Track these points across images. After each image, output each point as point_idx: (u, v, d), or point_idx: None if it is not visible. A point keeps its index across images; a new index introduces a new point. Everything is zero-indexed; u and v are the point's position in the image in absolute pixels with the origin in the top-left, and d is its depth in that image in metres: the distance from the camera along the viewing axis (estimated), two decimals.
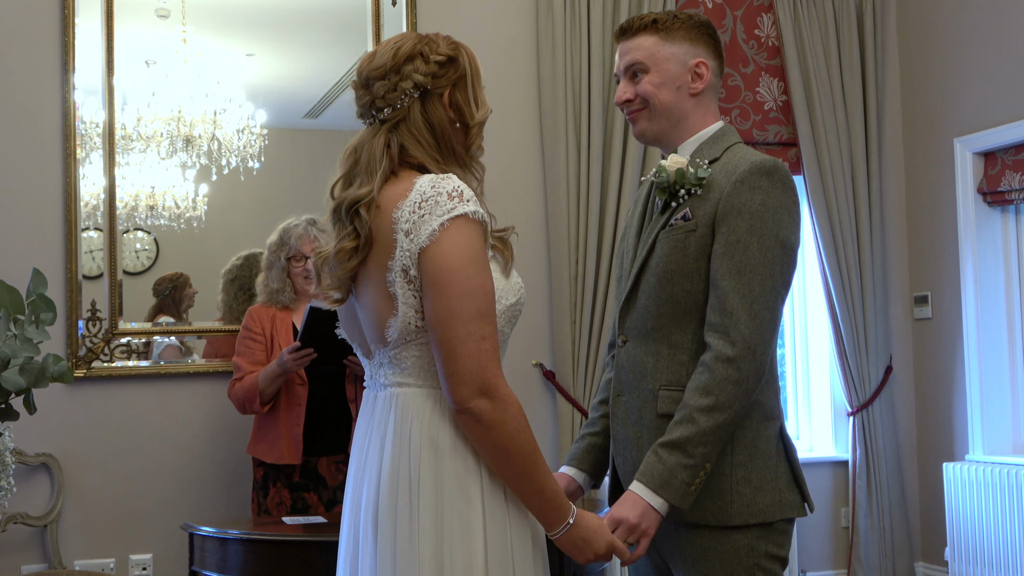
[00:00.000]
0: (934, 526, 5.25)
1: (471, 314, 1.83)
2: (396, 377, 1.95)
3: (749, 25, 5.25)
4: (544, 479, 1.91)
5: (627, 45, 2.33)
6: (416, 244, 1.85)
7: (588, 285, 4.80)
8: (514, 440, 1.86)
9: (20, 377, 1.96)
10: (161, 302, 4.52)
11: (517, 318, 2.04)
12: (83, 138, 4.35)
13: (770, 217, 2.15)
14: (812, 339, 5.49)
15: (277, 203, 4.53)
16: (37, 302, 2.04)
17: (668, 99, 2.29)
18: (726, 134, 2.32)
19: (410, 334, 1.90)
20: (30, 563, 4.22)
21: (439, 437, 1.90)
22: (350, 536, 2.00)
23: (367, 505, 1.94)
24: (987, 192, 5.00)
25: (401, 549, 1.87)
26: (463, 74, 2.00)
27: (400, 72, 1.96)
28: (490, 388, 1.84)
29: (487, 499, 1.90)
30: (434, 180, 1.88)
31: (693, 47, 2.30)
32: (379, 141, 1.96)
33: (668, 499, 2.10)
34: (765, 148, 5.23)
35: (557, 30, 4.83)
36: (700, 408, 2.11)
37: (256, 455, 3.93)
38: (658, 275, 2.24)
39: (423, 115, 1.97)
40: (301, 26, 4.73)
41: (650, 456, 2.13)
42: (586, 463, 2.45)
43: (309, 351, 3.71)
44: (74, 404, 4.28)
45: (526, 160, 4.88)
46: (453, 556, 1.86)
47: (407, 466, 1.90)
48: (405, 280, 1.87)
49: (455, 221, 1.85)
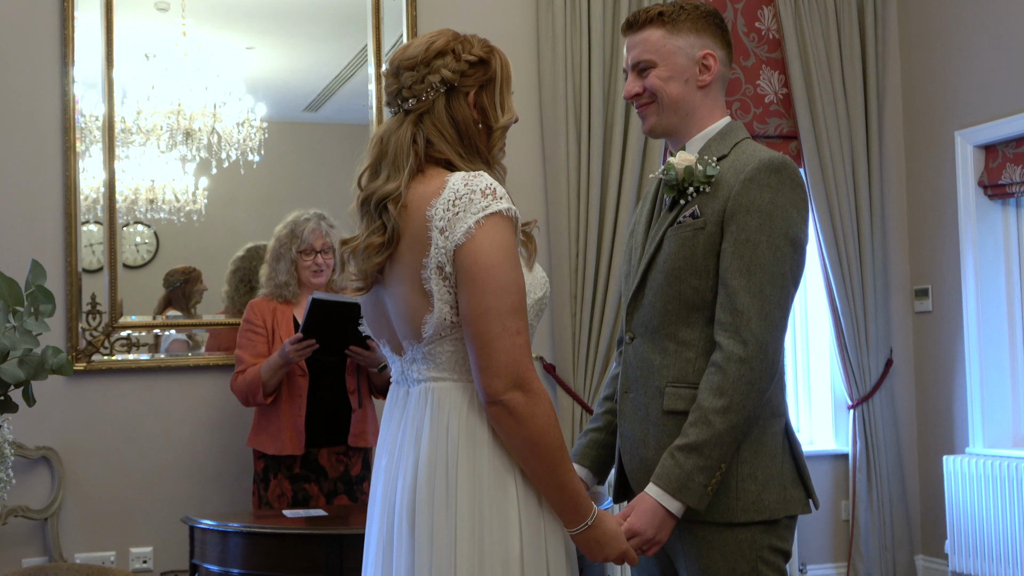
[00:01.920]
0: (934, 519, 5.25)
1: (506, 309, 1.87)
2: (431, 372, 1.97)
3: (750, 18, 5.25)
4: (568, 476, 1.93)
5: (634, 39, 2.33)
6: (452, 241, 1.88)
7: (588, 279, 4.80)
8: (544, 434, 1.89)
9: (19, 369, 1.96)
10: (171, 294, 4.52)
11: (543, 311, 2.07)
12: (83, 131, 4.35)
13: (780, 215, 2.15)
14: (812, 332, 5.49)
15: (277, 196, 4.53)
16: (36, 294, 2.03)
17: (676, 92, 2.29)
18: (734, 130, 2.31)
19: (445, 330, 1.93)
20: (30, 556, 4.22)
21: (477, 430, 1.93)
22: (382, 529, 2.01)
23: (402, 497, 1.96)
24: (988, 185, 5.00)
25: (438, 540, 1.90)
26: (492, 77, 2.05)
27: (430, 66, 1.99)
28: (524, 382, 1.88)
29: (522, 491, 1.93)
30: (467, 178, 1.92)
31: (700, 38, 2.29)
32: (406, 132, 1.99)
33: (686, 502, 2.11)
34: (766, 141, 5.22)
35: (557, 23, 4.83)
36: (715, 410, 2.11)
37: (257, 447, 3.94)
38: (666, 272, 2.23)
39: (447, 110, 2.00)
40: (301, 19, 4.72)
41: (667, 459, 2.13)
42: (588, 459, 2.45)
43: (311, 342, 3.72)
44: (74, 398, 4.29)
45: (526, 153, 4.88)
46: (492, 547, 1.89)
47: (444, 458, 1.92)
48: (440, 277, 1.90)
49: (490, 218, 1.89)
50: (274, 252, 4.01)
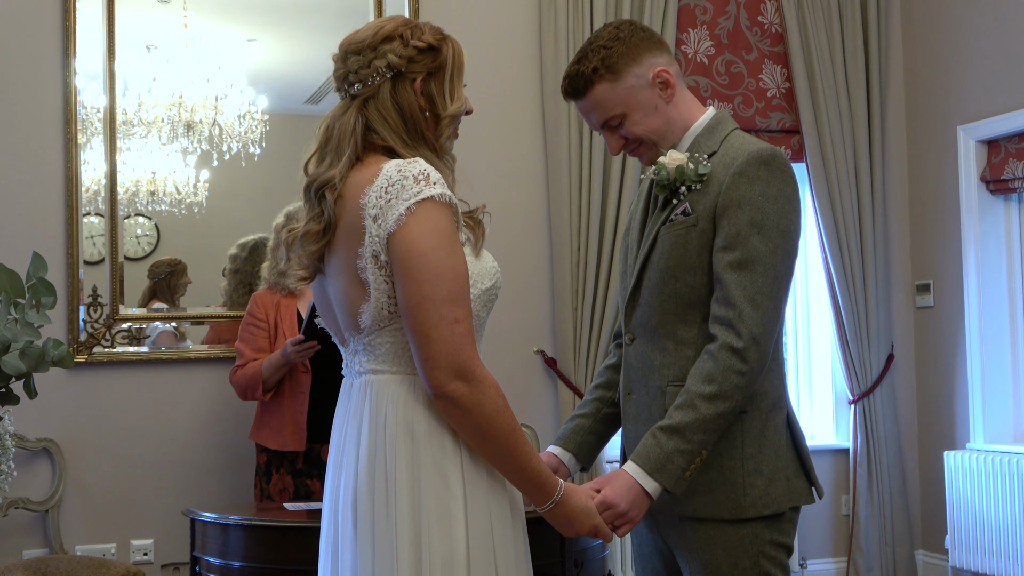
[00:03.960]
0: (935, 514, 5.25)
1: (442, 297, 1.82)
2: (371, 364, 1.94)
3: (752, 12, 5.23)
4: (525, 458, 1.90)
5: (585, 104, 2.30)
6: (384, 229, 1.84)
7: (590, 272, 4.80)
8: (493, 422, 1.85)
9: (20, 361, 1.95)
10: (155, 285, 4.51)
11: (493, 302, 2.03)
12: (84, 123, 4.34)
13: (771, 207, 2.14)
14: (814, 327, 5.48)
15: (278, 189, 4.52)
16: (37, 286, 2.03)
17: (655, 125, 2.27)
18: (721, 122, 2.29)
19: (383, 320, 1.90)
20: (31, 548, 4.23)
21: (415, 423, 1.89)
22: (330, 527, 1.99)
23: (345, 495, 1.94)
24: (990, 180, 4.99)
25: (379, 538, 1.87)
26: (442, 65, 1.99)
27: (376, 50, 1.96)
28: (466, 371, 1.83)
29: (468, 483, 1.89)
30: (400, 164, 1.88)
31: (640, 64, 2.25)
32: (349, 118, 1.96)
33: (662, 483, 2.10)
34: (768, 135, 5.22)
35: (560, 19, 4.81)
36: (702, 395, 2.10)
37: (259, 441, 3.95)
38: (660, 271, 2.23)
39: (392, 96, 1.96)
40: (303, 11, 4.72)
41: (648, 438, 2.13)
42: (572, 443, 2.44)
43: (313, 343, 3.74)
44: (75, 389, 4.28)
45: (528, 147, 4.87)
46: (432, 542, 1.85)
47: (383, 454, 1.89)
48: (376, 266, 1.87)
49: (422, 204, 1.84)
50: (273, 242, 4.04)
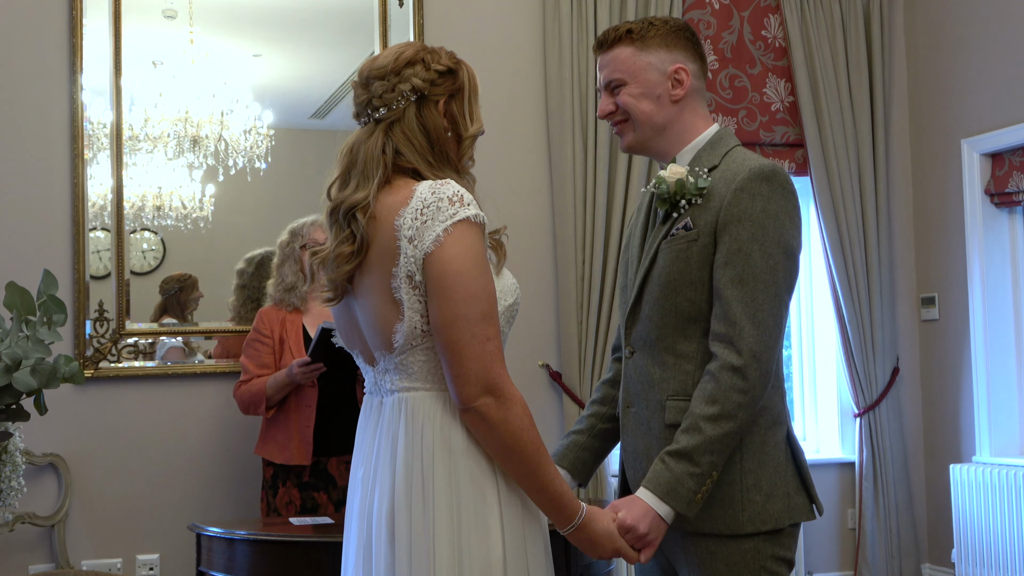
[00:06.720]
0: (941, 528, 5.24)
1: (476, 316, 1.88)
2: (403, 382, 1.98)
3: (756, 26, 5.25)
4: (548, 478, 1.94)
5: (604, 59, 2.33)
6: (420, 250, 1.89)
7: (595, 286, 4.80)
8: (517, 438, 1.90)
9: (32, 378, 1.96)
10: (166, 301, 4.52)
11: (515, 317, 2.08)
12: (91, 138, 4.36)
13: (772, 224, 2.15)
14: (819, 340, 5.48)
15: (284, 204, 4.54)
16: (48, 303, 2.04)
17: (649, 109, 2.29)
18: (723, 138, 2.30)
19: (416, 339, 1.93)
20: (37, 563, 4.22)
21: (452, 438, 1.93)
22: (360, 541, 2.01)
23: (380, 508, 1.96)
24: (994, 193, 4.99)
25: (417, 550, 1.90)
26: (461, 87, 2.05)
27: (400, 74, 2.00)
28: (495, 387, 1.88)
29: (503, 496, 1.94)
30: (433, 186, 1.92)
31: (670, 53, 2.29)
32: (376, 142, 2.00)
33: (674, 507, 2.11)
34: (772, 149, 5.23)
35: (564, 31, 4.83)
36: (706, 417, 2.11)
37: (265, 455, 3.95)
38: (661, 286, 2.24)
39: (418, 118, 2.01)
40: (308, 27, 4.73)
41: (657, 463, 2.14)
42: (567, 460, 2.45)
43: (319, 365, 3.76)
44: (82, 404, 4.29)
45: (533, 161, 4.88)
46: (471, 553, 1.89)
47: (420, 467, 1.92)
48: (410, 286, 1.91)
49: (458, 226, 1.89)
50: (279, 259, 4.06)
